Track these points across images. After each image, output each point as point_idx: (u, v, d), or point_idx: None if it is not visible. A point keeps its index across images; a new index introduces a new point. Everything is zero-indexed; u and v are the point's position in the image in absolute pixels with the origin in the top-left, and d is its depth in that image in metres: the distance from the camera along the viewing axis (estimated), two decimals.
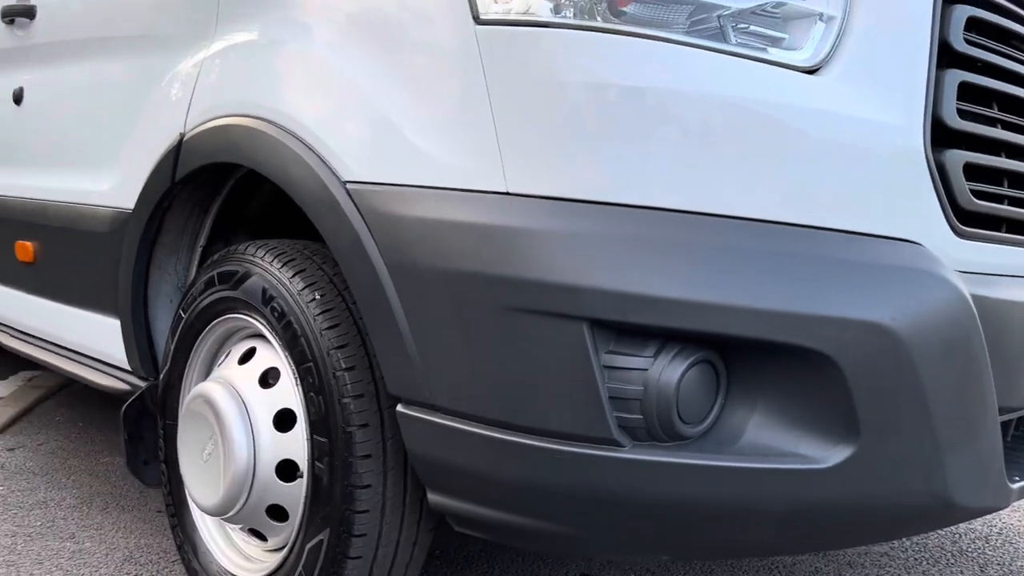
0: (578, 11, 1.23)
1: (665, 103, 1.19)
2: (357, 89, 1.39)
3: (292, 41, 1.54)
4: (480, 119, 1.24)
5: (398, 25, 1.36)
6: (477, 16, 1.26)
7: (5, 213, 2.47)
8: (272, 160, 1.48)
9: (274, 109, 1.50)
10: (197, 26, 1.75)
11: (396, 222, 1.30)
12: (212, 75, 1.68)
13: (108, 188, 2.00)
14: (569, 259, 1.13)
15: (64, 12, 2.23)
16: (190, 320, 1.74)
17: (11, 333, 2.63)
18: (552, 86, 1.20)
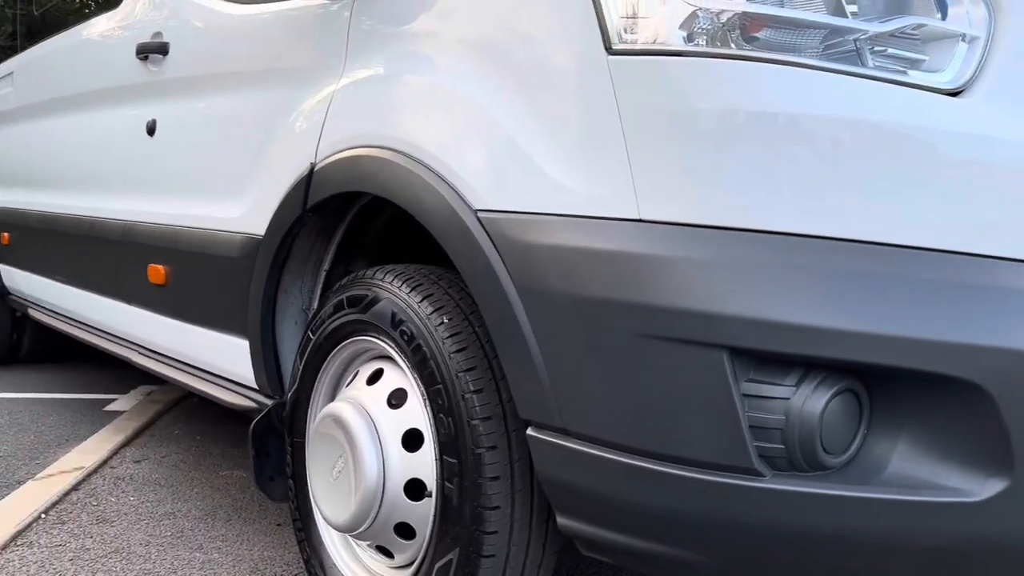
0: (711, 39, 1.23)
1: (801, 128, 1.18)
2: (487, 119, 1.43)
3: (422, 73, 1.59)
4: (612, 147, 1.26)
5: (528, 56, 1.40)
6: (609, 46, 1.28)
7: (138, 238, 2.61)
8: (404, 190, 1.53)
9: (405, 140, 1.56)
10: (327, 60, 1.83)
11: (527, 249, 1.32)
12: (342, 107, 1.75)
13: (239, 215, 2.10)
14: (708, 286, 1.13)
15: (196, 48, 2.36)
16: (319, 341, 1.81)
17: (140, 351, 2.78)
18: (686, 114, 1.21)
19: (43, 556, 2.17)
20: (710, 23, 1.23)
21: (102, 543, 2.25)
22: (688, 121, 1.21)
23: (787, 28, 1.23)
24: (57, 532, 2.32)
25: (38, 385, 4.17)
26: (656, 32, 1.25)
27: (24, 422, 3.47)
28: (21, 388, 4.09)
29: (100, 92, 2.92)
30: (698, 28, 1.23)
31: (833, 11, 1.24)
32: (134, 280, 2.65)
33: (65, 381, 4.27)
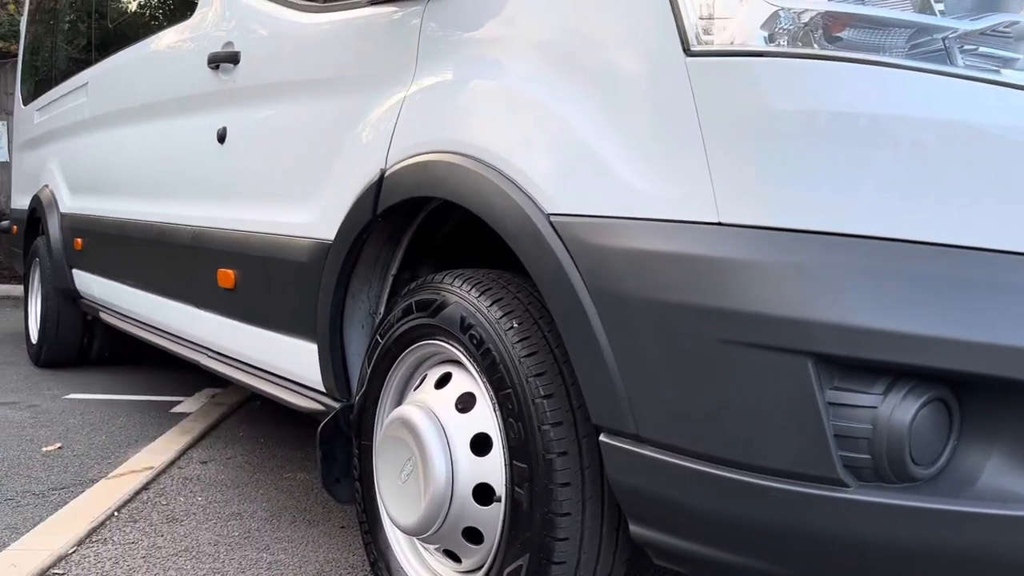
0: (792, 38, 1.21)
1: (888, 129, 1.15)
2: (559, 123, 1.42)
3: (492, 78, 1.60)
4: (690, 150, 1.24)
5: (602, 59, 1.39)
6: (688, 48, 1.26)
7: (208, 243, 2.67)
8: (475, 195, 1.53)
9: (475, 145, 1.56)
10: (397, 67, 1.84)
11: (601, 253, 1.31)
12: (413, 113, 1.77)
13: (308, 220, 2.13)
14: (792, 291, 1.11)
15: (266, 57, 2.40)
16: (387, 345, 1.82)
17: (209, 354, 2.83)
18: (767, 115, 1.19)
19: (117, 553, 2.22)
20: (792, 23, 1.21)
21: (172, 541, 2.29)
22: (770, 122, 1.19)
23: (872, 27, 1.20)
24: (129, 530, 2.37)
25: (107, 386, 4.29)
26: (736, 33, 1.23)
27: (95, 422, 3.57)
28: (92, 389, 4.21)
29: (171, 101, 3.00)
30: (779, 28, 1.21)
31: (920, 8, 1.21)
32: (204, 284, 2.71)
33: (133, 383, 4.38)
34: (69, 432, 3.40)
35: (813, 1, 1.20)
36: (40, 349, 4.75)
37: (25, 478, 2.81)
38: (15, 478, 2.81)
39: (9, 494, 2.65)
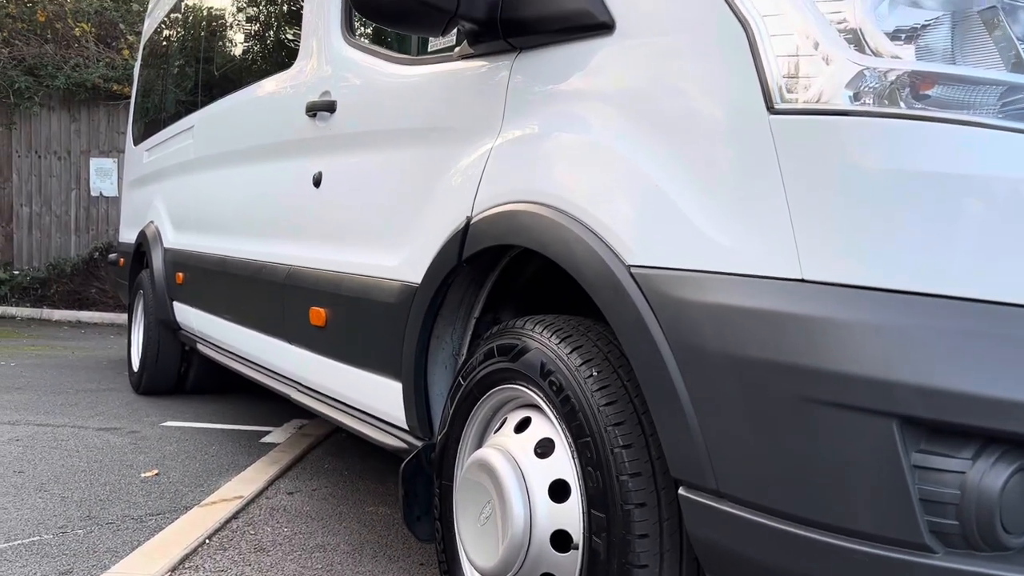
0: (878, 97, 1.21)
1: (978, 190, 1.14)
2: (641, 177, 1.45)
3: (576, 132, 1.64)
4: (773, 206, 1.25)
5: (686, 115, 1.42)
6: (771, 106, 1.28)
7: (302, 282, 2.78)
8: (558, 244, 1.57)
9: (560, 196, 1.60)
10: (484, 120, 1.91)
11: (683, 306, 1.33)
12: (499, 164, 1.82)
13: (396, 263, 2.21)
14: (877, 351, 1.10)
15: (361, 107, 2.51)
16: (468, 387, 1.86)
17: (299, 388, 2.94)
18: (853, 174, 1.19)
19: None
20: (877, 82, 1.21)
21: (259, 571, 2.37)
22: (855, 181, 1.19)
23: (961, 85, 1.19)
24: (219, 558, 2.47)
25: (202, 415, 4.47)
26: (820, 91, 1.24)
27: (190, 450, 3.72)
28: (187, 417, 4.40)
29: (271, 146, 3.15)
30: (865, 88, 1.22)
31: (1012, 67, 1.19)
32: (296, 321, 2.82)
33: (225, 412, 4.56)
34: (165, 459, 3.56)
35: (899, 61, 1.20)
36: (141, 377, 4.99)
37: (125, 503, 2.95)
38: (116, 503, 2.96)
39: (111, 518, 2.80)
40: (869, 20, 1.25)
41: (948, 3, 1.24)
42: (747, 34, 1.33)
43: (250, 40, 3.89)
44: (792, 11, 1.30)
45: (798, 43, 1.28)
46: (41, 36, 9.78)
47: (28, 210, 10.05)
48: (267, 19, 3.68)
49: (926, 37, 1.24)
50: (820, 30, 1.27)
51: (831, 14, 1.27)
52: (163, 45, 5.70)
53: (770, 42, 1.30)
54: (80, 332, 8.51)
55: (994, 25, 1.22)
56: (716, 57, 1.38)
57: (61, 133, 9.97)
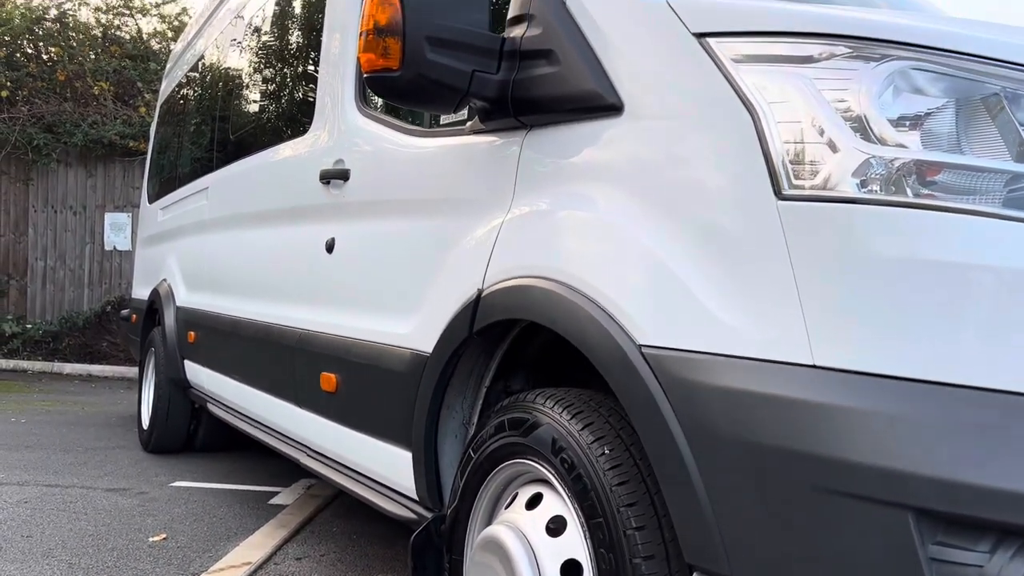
0: (885, 184, 1.23)
1: (986, 279, 1.14)
2: (652, 257, 1.47)
3: (586, 209, 1.66)
4: (783, 291, 1.26)
5: (695, 197, 1.44)
6: (779, 191, 1.29)
7: (313, 347, 2.80)
8: (568, 321, 1.58)
9: (571, 273, 1.62)
10: (495, 194, 1.94)
11: (694, 389, 1.33)
12: (510, 238, 1.85)
13: (407, 332, 2.22)
14: (891, 441, 1.10)
15: (374, 176, 2.55)
16: (479, 461, 1.86)
17: (308, 453, 2.93)
18: (862, 261, 1.20)
19: None
20: (884, 169, 1.23)
21: None
22: (865, 267, 1.20)
23: (967, 172, 1.21)
24: None
25: (211, 474, 4.45)
26: (828, 178, 1.26)
27: (199, 512, 3.70)
28: (196, 477, 4.38)
29: (285, 210, 3.20)
30: (872, 175, 1.24)
31: (1017, 155, 1.21)
32: (307, 385, 2.83)
33: (234, 471, 4.54)
34: (174, 522, 3.53)
35: (905, 149, 1.22)
36: (150, 435, 4.99)
37: (132, 570, 2.93)
38: (124, 570, 2.93)
39: None
40: (873, 107, 1.27)
41: (951, 90, 1.27)
42: (754, 120, 1.36)
43: (266, 104, 3.97)
44: (798, 98, 1.33)
45: (804, 130, 1.30)
46: (60, 95, 9.99)
47: (43, 264, 10.16)
48: (283, 84, 3.76)
49: (931, 124, 1.26)
50: (826, 117, 1.29)
51: (836, 102, 1.30)
52: (179, 105, 5.82)
53: (777, 128, 1.33)
54: (91, 386, 8.53)
55: (998, 112, 1.24)
56: (724, 142, 1.40)
57: (77, 188, 10.13)
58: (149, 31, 10.88)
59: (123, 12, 10.76)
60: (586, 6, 1.73)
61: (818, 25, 1.36)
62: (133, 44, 10.61)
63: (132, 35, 10.78)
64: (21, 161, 9.91)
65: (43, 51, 10.44)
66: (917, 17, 1.56)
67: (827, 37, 1.34)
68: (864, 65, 1.29)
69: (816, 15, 1.40)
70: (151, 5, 10.84)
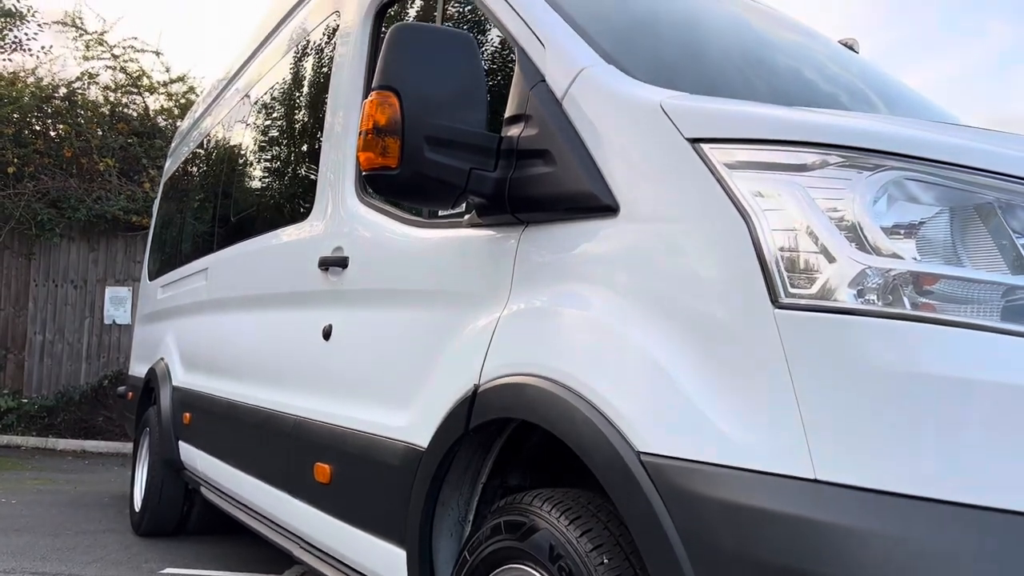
0: (882, 294, 1.23)
1: (986, 395, 1.13)
2: (651, 362, 1.45)
3: (583, 309, 1.66)
4: (783, 401, 1.25)
5: (690, 301, 1.43)
6: (776, 299, 1.29)
7: (308, 435, 2.76)
8: (566, 424, 1.56)
9: (567, 373, 1.60)
10: (492, 289, 1.93)
11: (694, 500, 1.30)
12: (507, 334, 1.83)
13: (403, 424, 2.19)
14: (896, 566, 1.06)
15: (373, 265, 2.56)
16: (475, 563, 1.81)
17: (301, 545, 2.86)
18: (861, 373, 1.19)
19: None
20: (880, 279, 1.23)
21: None
22: (863, 380, 1.19)
23: (963, 283, 1.21)
24: None
25: (203, 560, 4.35)
26: (824, 287, 1.26)
27: None
28: (188, 563, 4.28)
29: (283, 295, 3.20)
30: (868, 285, 1.23)
31: (1013, 266, 1.21)
32: (301, 475, 2.78)
33: (227, 556, 4.43)
34: None
35: (900, 261, 1.22)
36: (142, 517, 4.89)
37: None
38: None
39: None
40: (868, 216, 1.28)
41: (945, 199, 1.27)
42: (748, 227, 1.36)
43: (268, 186, 4.01)
44: (792, 205, 1.34)
45: (799, 238, 1.31)
46: (67, 171, 10.12)
47: (41, 338, 10.13)
48: (286, 167, 3.81)
49: (926, 232, 1.27)
50: (821, 226, 1.30)
51: (830, 210, 1.30)
52: (183, 183, 5.89)
53: (772, 236, 1.33)
54: (84, 463, 8.41)
55: (992, 223, 1.25)
56: (719, 247, 1.40)
57: (79, 263, 10.17)
58: (156, 108, 11.10)
59: (131, 91, 10.98)
60: (582, 108, 1.76)
61: (811, 134, 1.38)
62: (140, 121, 10.80)
63: (139, 112, 10.98)
64: (24, 236, 9.98)
65: (51, 128, 10.62)
66: (911, 124, 1.58)
67: (821, 146, 1.35)
68: (858, 175, 1.30)
69: (810, 123, 1.41)
70: (159, 84, 11.08)
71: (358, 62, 2.86)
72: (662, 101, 1.61)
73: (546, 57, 1.91)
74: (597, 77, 1.78)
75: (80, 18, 11.01)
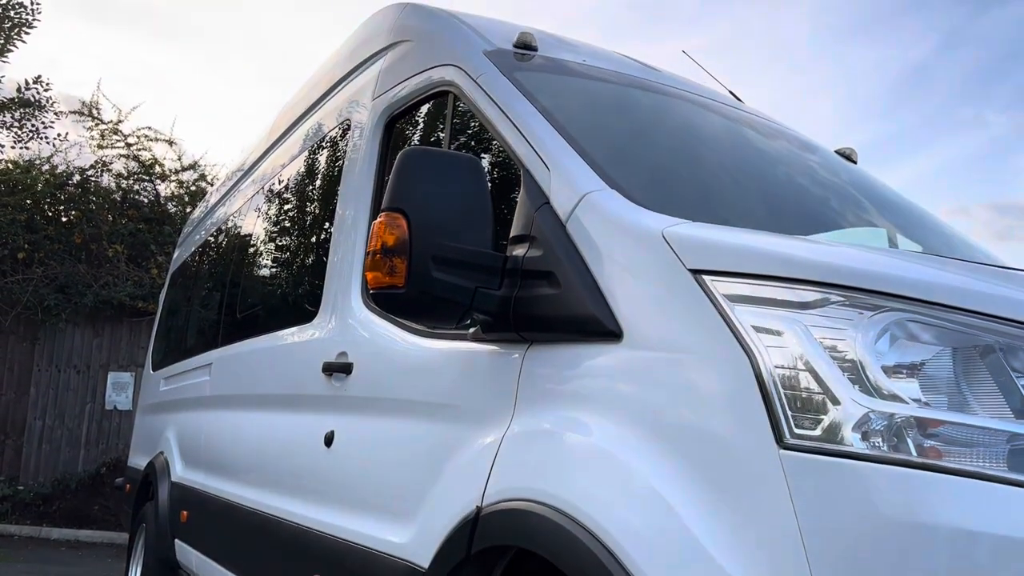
0: (887, 437, 1.22)
1: (992, 549, 1.11)
2: (657, 497, 1.44)
3: (587, 436, 1.65)
4: (789, 546, 1.23)
5: (695, 436, 1.43)
6: (781, 439, 1.29)
7: (307, 545, 2.71)
8: (570, 558, 1.53)
9: (572, 504, 1.58)
10: (496, 406, 1.93)
11: None
12: (511, 456, 1.82)
13: (403, 542, 2.15)
14: None
15: (377, 373, 2.55)
16: None
17: None
18: (869, 521, 1.18)
19: None
20: (885, 422, 1.23)
21: None
22: (869, 527, 1.17)
23: (967, 430, 1.20)
24: None
25: None
26: (829, 429, 1.26)
27: None
28: None
29: (286, 397, 3.19)
30: (872, 428, 1.23)
31: (1018, 411, 1.21)
32: None
33: None
34: None
35: (904, 405, 1.22)
36: None
37: None
38: None
39: None
40: (869, 356, 1.28)
41: (947, 340, 1.28)
42: (751, 362, 1.37)
43: (275, 286, 4.04)
44: (794, 343, 1.35)
45: (802, 377, 1.31)
46: (75, 256, 10.23)
47: (41, 423, 10.06)
48: (293, 269, 3.84)
49: (928, 372, 1.27)
50: (824, 365, 1.30)
51: (832, 350, 1.31)
52: (190, 275, 5.94)
53: (775, 373, 1.34)
54: (77, 554, 8.23)
55: (995, 366, 1.25)
56: (723, 381, 1.41)
57: (83, 348, 10.18)
58: (167, 195, 11.29)
59: (143, 178, 11.20)
60: (586, 232, 1.79)
61: (813, 272, 1.40)
62: (150, 208, 10.97)
63: (150, 199, 11.17)
64: (30, 321, 10.02)
65: (63, 214, 10.79)
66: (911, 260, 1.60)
67: (822, 285, 1.37)
68: (859, 315, 1.31)
69: (811, 261, 1.43)
70: (171, 171, 11.31)
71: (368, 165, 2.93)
72: (664, 230, 1.63)
73: (551, 180, 1.95)
74: (600, 203, 1.82)
75: (97, 107, 11.34)
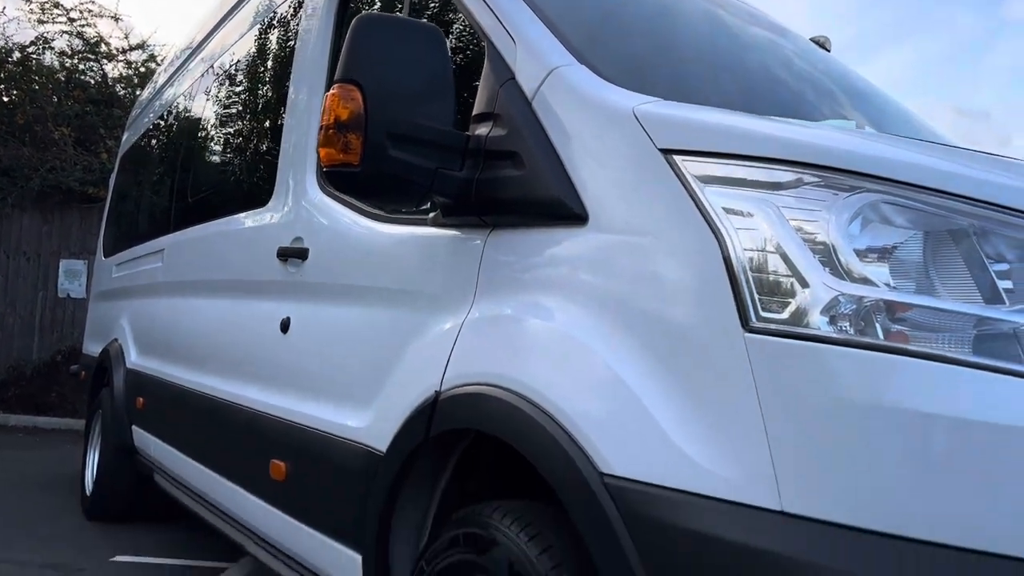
0: (854, 322, 1.19)
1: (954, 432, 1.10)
2: (617, 380, 1.41)
3: (549, 321, 1.61)
4: (751, 428, 1.21)
5: (659, 319, 1.39)
6: (747, 322, 1.25)
7: (264, 430, 2.68)
8: (528, 440, 1.51)
9: (531, 388, 1.55)
10: (456, 292, 1.88)
11: (658, 528, 1.27)
12: (470, 341, 1.78)
13: (361, 426, 2.13)
14: None
15: (333, 258, 2.48)
16: (432, 575, 1.76)
17: (256, 541, 2.80)
18: (830, 404, 1.16)
19: None
20: (853, 306, 1.20)
21: None
22: (833, 411, 1.16)
23: (936, 313, 1.18)
24: None
25: (155, 547, 4.26)
26: (797, 313, 1.23)
27: None
28: (139, 550, 4.19)
29: (240, 283, 3.10)
30: (841, 312, 1.20)
31: (987, 297, 1.18)
32: (256, 471, 2.71)
33: (180, 544, 4.34)
34: None
35: (874, 288, 1.19)
36: (93, 502, 4.78)
37: None
38: None
39: None
40: (842, 239, 1.24)
41: (921, 224, 1.24)
42: (720, 245, 1.32)
43: (227, 169, 3.89)
44: (765, 225, 1.30)
45: (772, 260, 1.27)
46: (19, 138, 9.80)
47: None
48: (246, 150, 3.69)
49: (900, 256, 1.23)
50: (794, 248, 1.26)
51: (803, 232, 1.27)
52: (140, 159, 5.72)
53: (744, 256, 1.29)
54: (36, 439, 8.22)
55: (967, 248, 1.22)
56: (689, 265, 1.36)
57: (32, 234, 9.89)
58: (114, 76, 10.78)
59: (88, 57, 10.65)
60: (553, 110, 1.71)
61: (788, 151, 1.34)
62: (97, 89, 10.48)
63: (97, 80, 10.66)
64: None
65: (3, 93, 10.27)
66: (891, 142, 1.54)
67: (796, 164, 1.31)
68: (833, 196, 1.26)
69: (786, 140, 1.37)
70: (118, 51, 10.76)
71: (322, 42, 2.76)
72: (635, 108, 1.55)
73: (516, 54, 1.84)
74: (569, 78, 1.72)
75: None
